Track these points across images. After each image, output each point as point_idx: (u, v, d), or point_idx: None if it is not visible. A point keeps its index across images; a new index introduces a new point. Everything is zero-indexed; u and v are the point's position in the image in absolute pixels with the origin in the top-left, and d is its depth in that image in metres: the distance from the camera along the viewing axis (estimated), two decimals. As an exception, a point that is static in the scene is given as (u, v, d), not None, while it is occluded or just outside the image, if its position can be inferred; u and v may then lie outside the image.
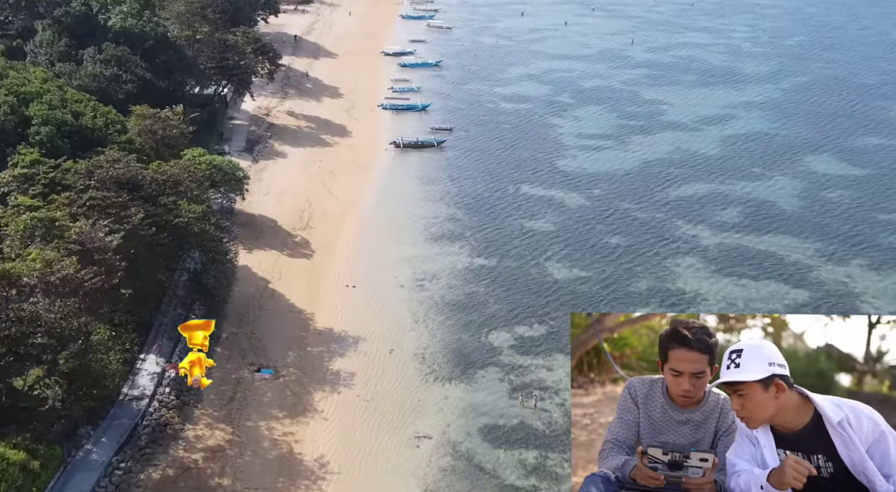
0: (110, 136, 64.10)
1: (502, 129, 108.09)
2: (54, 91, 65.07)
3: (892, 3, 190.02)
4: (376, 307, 66.20)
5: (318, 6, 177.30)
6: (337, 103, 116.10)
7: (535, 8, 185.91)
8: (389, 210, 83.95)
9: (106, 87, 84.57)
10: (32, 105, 61.46)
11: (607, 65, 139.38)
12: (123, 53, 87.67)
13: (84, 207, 51.10)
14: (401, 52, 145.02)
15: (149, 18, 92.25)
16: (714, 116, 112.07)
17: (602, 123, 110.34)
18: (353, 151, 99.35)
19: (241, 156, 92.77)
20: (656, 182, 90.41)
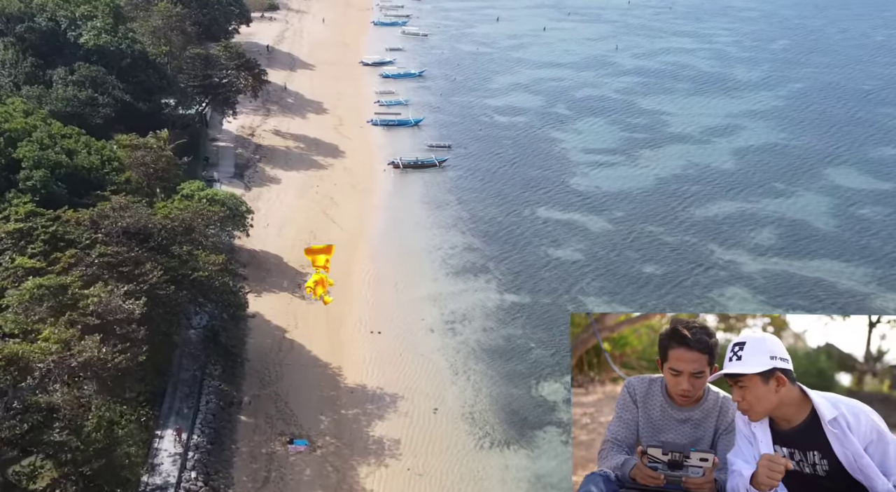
0: (108, 176, 56.51)
1: (502, 144, 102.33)
2: (41, 126, 57.11)
3: (862, 5, 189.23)
4: (409, 357, 59.78)
5: (285, 13, 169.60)
6: (323, 120, 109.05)
7: (508, 13, 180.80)
8: (401, 240, 77.52)
9: (82, 111, 76.57)
10: (21, 145, 53.58)
11: (596, 72, 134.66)
12: (98, 74, 79.67)
13: (94, 266, 43.79)
14: (380, 61, 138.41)
15: (124, 34, 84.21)
16: (719, 127, 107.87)
17: (605, 136, 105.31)
18: (350, 173, 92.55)
19: (231, 183, 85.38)
20: (677, 201, 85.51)
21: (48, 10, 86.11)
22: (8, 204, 48.62)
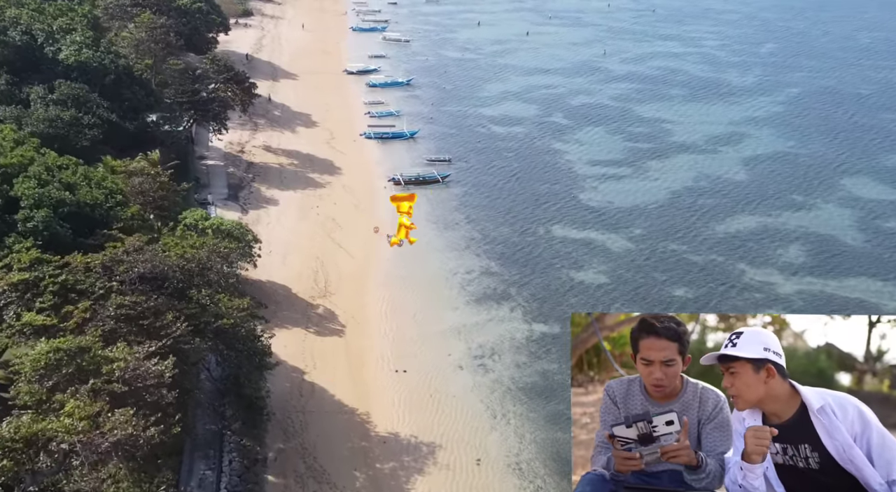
0: (112, 211, 51.01)
1: (504, 157, 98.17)
2: (37, 159, 51.39)
3: (838, 7, 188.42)
4: (441, 399, 55.23)
5: (259, 19, 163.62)
6: (314, 134, 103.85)
7: (488, 17, 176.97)
8: (413, 265, 72.82)
9: (65, 133, 70.80)
10: (18, 182, 47.86)
11: (587, 79, 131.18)
12: (81, 92, 73.85)
13: (111, 319, 38.59)
14: (364, 70, 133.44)
15: (107, 49, 78.35)
16: (723, 135, 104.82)
17: (608, 146, 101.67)
18: (350, 191, 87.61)
19: (226, 205, 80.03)
20: (695, 216, 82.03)
21: (22, 22, 79.92)
22: (8, 250, 43.04)
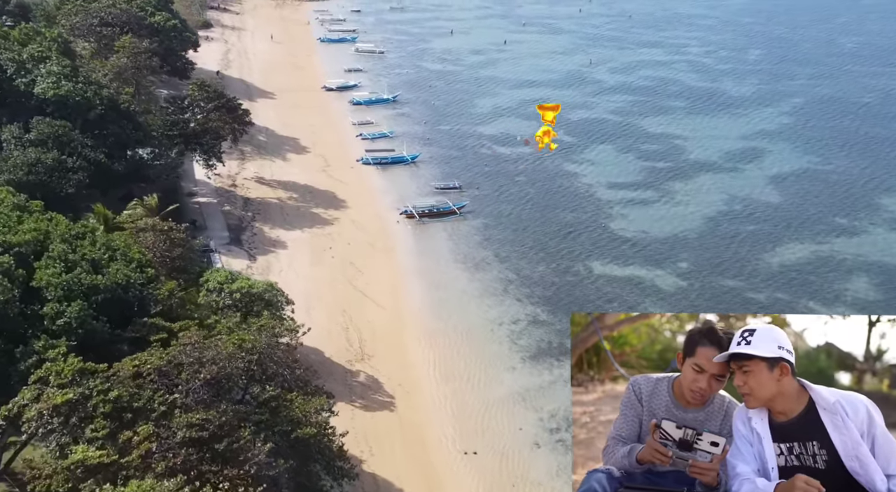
0: (147, 289, 42.11)
1: (516, 182, 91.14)
2: (52, 233, 42.05)
3: (807, 11, 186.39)
4: (526, 490, 47.79)
5: (220, 31, 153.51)
6: (307, 161, 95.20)
7: (460, 24, 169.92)
8: (452, 315, 65.24)
9: (48, 180, 61.41)
10: (39, 267, 38.57)
11: (580, 91, 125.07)
12: (62, 129, 64.38)
13: (181, 446, 30.21)
14: (344, 86, 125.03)
15: (87, 79, 68.72)
16: (740, 151, 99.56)
17: (623, 166, 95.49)
18: (361, 228, 79.43)
19: (230, 252, 71.19)
20: (741, 245, 76.18)
21: (-14, 50, 69.89)
22: (38, 356, 34.02)
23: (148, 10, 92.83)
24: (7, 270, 36.95)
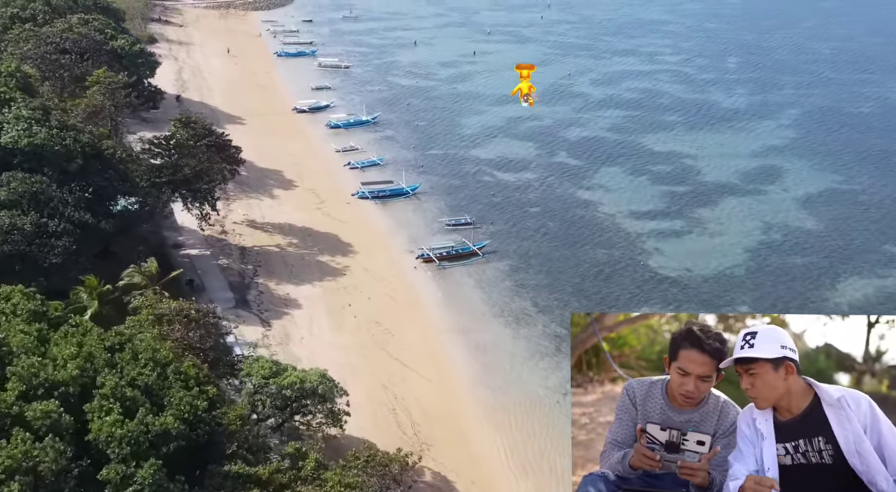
0: (215, 422, 32.42)
1: (531, 214, 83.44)
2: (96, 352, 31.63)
3: (771, 17, 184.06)
4: None
5: (167, 46, 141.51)
6: (298, 198, 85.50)
7: (421, 34, 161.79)
8: (507, 385, 57.12)
9: (27, 250, 50.98)
10: (92, 413, 28.07)
11: (569, 107, 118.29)
12: (40, 186, 53.86)
13: None
14: (316, 106, 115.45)
15: (62, 123, 58.01)
16: (757, 171, 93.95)
17: (640, 192, 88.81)
18: (376, 276, 70.50)
19: (239, 317, 61.45)
20: (798, 283, 70.05)
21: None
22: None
23: (107, 32, 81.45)
24: (55, 423, 27.17)
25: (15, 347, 31.26)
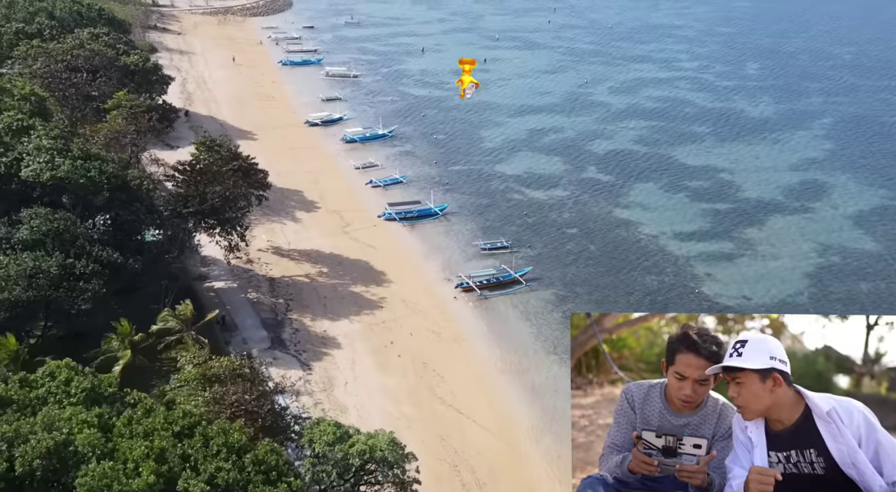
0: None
1: (568, 235, 79.09)
2: (182, 477, 26.95)
3: (781, 20, 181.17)
4: None
5: (168, 56, 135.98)
6: (322, 221, 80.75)
7: (427, 41, 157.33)
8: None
9: (53, 295, 46.12)
10: None
11: (591, 117, 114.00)
12: (65, 224, 48.98)
13: None
14: (329, 119, 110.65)
15: (86, 152, 53.01)
16: (801, 187, 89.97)
17: (681, 211, 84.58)
18: (414, 308, 65.86)
19: (276, 360, 56.55)
20: (872, 312, 66.09)
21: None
22: None
23: (119, 47, 76.25)
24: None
25: (80, 445, 26.57)
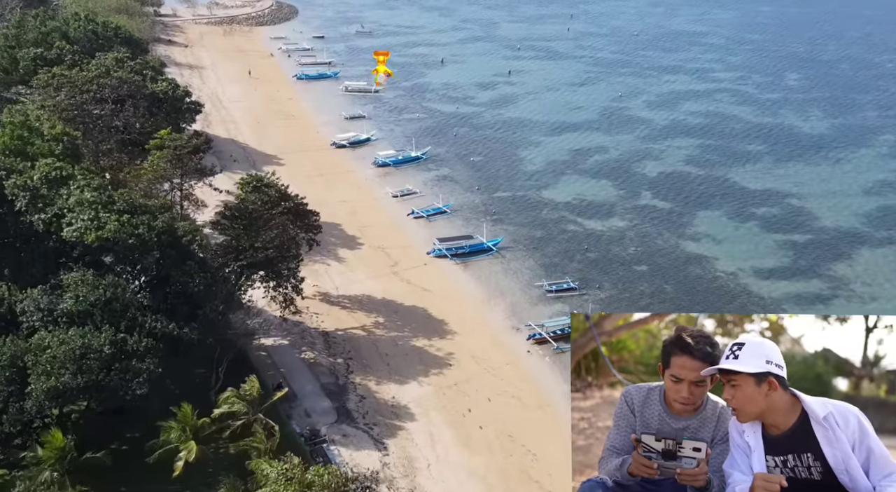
0: None
1: (642, 276, 72.41)
2: None
3: (811, 26, 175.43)
4: None
5: (178, 71, 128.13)
6: (369, 261, 73.62)
7: (446, 51, 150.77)
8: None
9: (106, 381, 39.02)
10: None
11: (633, 135, 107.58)
12: (115, 292, 41.86)
13: None
14: (357, 140, 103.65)
15: (132, 205, 45.75)
16: (881, 212, 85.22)
17: (755, 243, 78.18)
18: (487, 367, 58.85)
19: (345, 436, 49.40)
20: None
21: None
22: None
23: (146, 74, 68.77)
24: None
25: None
